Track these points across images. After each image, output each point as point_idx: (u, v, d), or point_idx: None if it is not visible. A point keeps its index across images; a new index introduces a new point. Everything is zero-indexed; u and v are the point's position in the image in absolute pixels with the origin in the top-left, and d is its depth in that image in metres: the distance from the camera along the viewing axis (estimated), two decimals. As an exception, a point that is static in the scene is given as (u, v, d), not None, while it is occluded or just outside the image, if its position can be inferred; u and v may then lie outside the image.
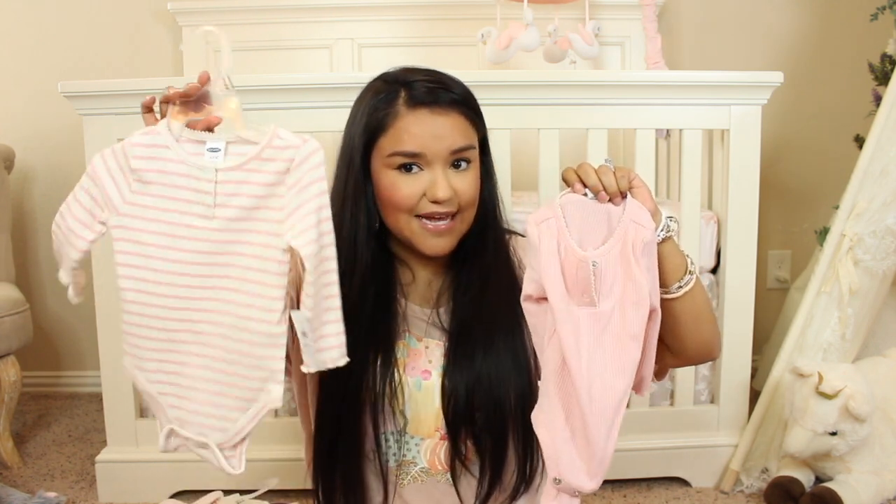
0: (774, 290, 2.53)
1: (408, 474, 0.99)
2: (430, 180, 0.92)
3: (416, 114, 0.92)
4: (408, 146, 0.91)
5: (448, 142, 0.92)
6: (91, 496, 1.75)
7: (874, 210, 1.70)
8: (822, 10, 2.47)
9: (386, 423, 0.98)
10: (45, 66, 2.46)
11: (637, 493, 1.75)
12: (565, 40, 2.15)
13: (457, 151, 0.93)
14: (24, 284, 2.41)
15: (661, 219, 0.86)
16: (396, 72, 0.98)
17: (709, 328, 0.93)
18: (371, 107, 0.95)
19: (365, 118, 0.95)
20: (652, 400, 1.78)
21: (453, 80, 0.97)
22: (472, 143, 0.95)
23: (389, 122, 0.93)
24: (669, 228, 0.86)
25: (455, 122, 0.93)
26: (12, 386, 1.90)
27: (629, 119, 1.67)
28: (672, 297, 0.88)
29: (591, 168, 0.83)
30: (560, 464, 0.83)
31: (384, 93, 0.95)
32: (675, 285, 0.88)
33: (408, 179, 0.93)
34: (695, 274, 0.88)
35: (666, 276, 0.87)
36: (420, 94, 0.93)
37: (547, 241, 0.83)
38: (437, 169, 0.92)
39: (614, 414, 0.82)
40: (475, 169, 0.96)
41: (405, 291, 1.02)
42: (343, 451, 0.98)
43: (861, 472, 1.58)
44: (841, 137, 2.20)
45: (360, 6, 2.43)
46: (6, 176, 2.13)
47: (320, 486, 1.00)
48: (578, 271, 0.82)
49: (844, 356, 1.75)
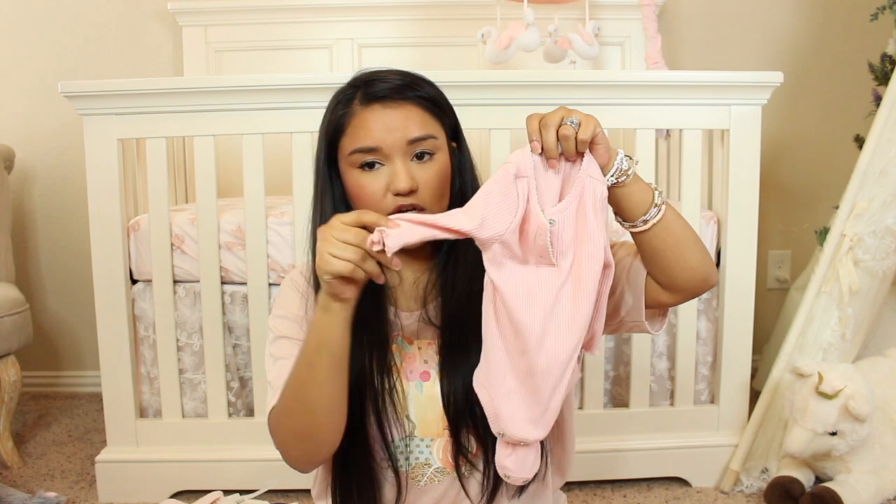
0: (774, 290, 2.54)
1: (424, 476, 0.99)
2: (391, 173, 0.92)
3: (370, 109, 0.93)
4: (364, 141, 0.93)
5: (402, 132, 0.92)
6: (91, 496, 1.75)
7: (874, 210, 1.70)
8: (822, 10, 2.47)
9: (393, 431, 0.98)
10: (45, 66, 2.46)
11: (637, 493, 1.75)
12: (565, 40, 2.15)
13: (414, 141, 0.93)
14: (24, 284, 2.42)
15: (615, 160, 0.85)
16: (361, 74, 0.99)
17: (695, 255, 0.90)
18: (331, 109, 0.97)
19: (326, 121, 0.98)
20: (652, 400, 1.79)
21: (414, 77, 0.97)
22: (432, 134, 0.94)
23: (347, 121, 0.95)
24: (624, 172, 0.85)
25: (410, 114, 0.94)
26: (12, 386, 1.90)
27: (629, 119, 1.67)
28: (640, 231, 0.88)
29: (553, 126, 0.81)
30: (501, 418, 0.84)
31: (342, 94, 0.97)
32: (641, 219, 0.87)
33: (370, 177, 0.94)
34: (662, 206, 0.87)
35: (629, 212, 0.87)
36: (374, 90, 0.94)
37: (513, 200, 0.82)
38: (397, 161, 0.93)
39: (563, 367, 0.82)
40: (440, 161, 0.96)
41: (393, 296, 1.01)
42: (355, 458, 0.98)
43: (861, 472, 1.58)
44: (841, 137, 2.20)
45: (360, 6, 2.44)
46: (6, 176, 2.13)
47: (338, 493, 1.00)
48: (537, 237, 0.82)
49: (844, 356, 1.75)
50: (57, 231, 2.53)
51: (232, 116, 1.63)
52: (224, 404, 1.73)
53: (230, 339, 1.76)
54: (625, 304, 0.95)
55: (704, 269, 0.90)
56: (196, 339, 1.74)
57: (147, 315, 1.73)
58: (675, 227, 0.88)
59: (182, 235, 1.71)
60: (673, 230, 0.88)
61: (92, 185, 1.65)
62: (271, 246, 1.71)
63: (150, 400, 1.77)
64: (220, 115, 1.63)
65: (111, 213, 1.65)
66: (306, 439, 0.89)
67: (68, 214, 2.50)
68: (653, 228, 0.87)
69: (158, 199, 1.67)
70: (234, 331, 1.76)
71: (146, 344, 1.75)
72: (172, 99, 1.62)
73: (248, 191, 1.67)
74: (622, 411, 1.77)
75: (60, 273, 2.55)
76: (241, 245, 1.71)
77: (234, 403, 1.78)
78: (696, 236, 0.91)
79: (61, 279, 2.55)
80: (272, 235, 1.70)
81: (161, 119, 1.63)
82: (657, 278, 0.92)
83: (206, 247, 1.68)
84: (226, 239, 1.71)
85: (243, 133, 1.65)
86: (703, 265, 0.90)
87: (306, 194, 1.66)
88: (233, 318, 1.75)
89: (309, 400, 0.86)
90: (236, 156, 1.68)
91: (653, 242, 0.88)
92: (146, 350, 1.75)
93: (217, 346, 1.71)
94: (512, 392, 0.84)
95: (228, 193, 2.10)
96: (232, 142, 1.75)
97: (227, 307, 1.74)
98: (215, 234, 1.69)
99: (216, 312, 1.70)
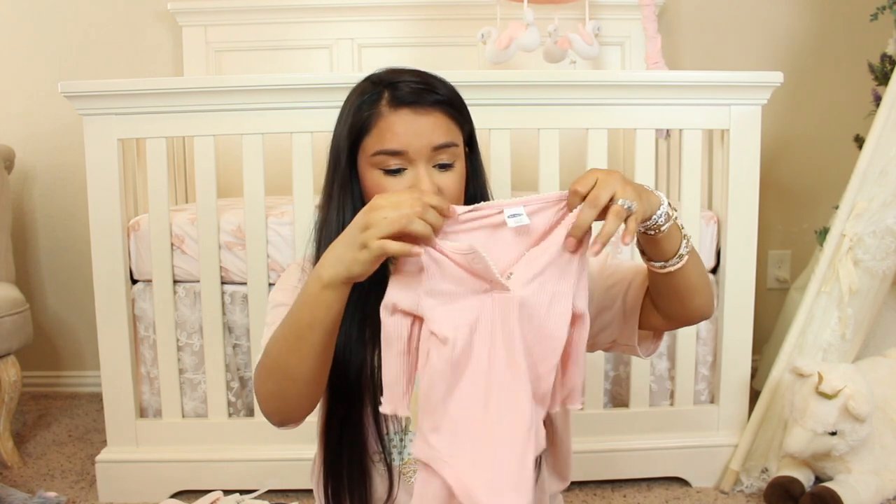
0: (774, 290, 2.53)
1: (415, 472, 1.00)
2: (414, 178, 0.93)
3: (399, 113, 0.94)
4: (390, 144, 0.93)
5: (429, 139, 0.93)
6: (91, 496, 1.75)
7: (874, 210, 1.70)
8: (822, 10, 2.47)
9: (389, 424, 0.99)
10: (45, 66, 2.46)
11: (637, 493, 1.75)
12: (565, 40, 2.15)
13: (438, 148, 0.93)
14: (24, 284, 2.42)
15: (656, 214, 0.84)
16: (382, 73, 0.99)
17: (702, 297, 0.93)
18: (356, 107, 0.97)
19: (350, 119, 0.97)
20: (652, 400, 1.79)
21: (437, 80, 0.98)
22: (455, 141, 0.96)
23: (373, 122, 0.95)
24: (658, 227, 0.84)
25: (437, 121, 0.94)
26: (12, 386, 1.90)
27: (629, 119, 1.67)
28: (656, 271, 0.89)
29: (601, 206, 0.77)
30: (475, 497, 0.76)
31: (369, 94, 0.96)
32: (660, 263, 0.88)
33: (392, 181, 0.94)
34: (686, 255, 0.88)
35: (652, 254, 0.88)
36: (403, 94, 0.94)
37: None
38: (420, 167, 0.93)
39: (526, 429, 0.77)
40: (459, 169, 0.97)
41: None
42: (348, 449, 0.98)
43: (861, 472, 1.58)
44: (841, 137, 2.20)
45: (360, 6, 2.44)
46: (6, 176, 2.13)
47: (329, 485, 1.00)
48: (473, 263, 0.78)
49: (844, 356, 1.75)
50: (57, 231, 2.53)
51: (232, 116, 1.63)
52: (224, 404, 1.73)
53: (230, 339, 1.76)
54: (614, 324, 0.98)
55: (705, 309, 0.94)
56: (196, 339, 1.74)
57: (147, 315, 1.73)
58: (691, 275, 0.90)
59: (182, 235, 1.71)
60: (688, 276, 0.89)
61: (92, 185, 1.65)
62: (271, 246, 1.71)
63: (150, 400, 1.77)
64: (220, 115, 1.63)
65: (111, 213, 1.65)
66: (283, 399, 0.89)
67: (68, 214, 2.50)
68: (669, 272, 0.88)
69: (158, 199, 1.67)
70: (234, 331, 1.76)
71: (146, 344, 1.75)
72: (172, 99, 1.62)
73: (248, 191, 1.67)
74: (622, 411, 1.77)
75: (60, 273, 2.55)
76: (241, 245, 1.71)
77: (234, 403, 1.78)
78: (707, 280, 0.93)
79: (61, 279, 2.55)
80: (272, 235, 1.71)
81: (161, 119, 1.63)
82: (656, 306, 0.93)
83: (206, 247, 1.68)
84: (226, 239, 1.71)
85: (243, 133, 1.65)
86: (706, 305, 0.94)
87: (306, 194, 1.66)
88: (233, 318, 1.75)
89: (291, 368, 0.86)
90: (236, 156, 1.68)
91: (667, 281, 0.90)
92: (146, 350, 1.75)
93: (217, 346, 1.71)
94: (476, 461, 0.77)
95: (228, 193, 2.10)
96: (232, 142, 1.75)
97: (227, 307, 1.74)
98: (215, 234, 1.69)
99: (216, 312, 1.70)
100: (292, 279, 1.03)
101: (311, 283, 0.82)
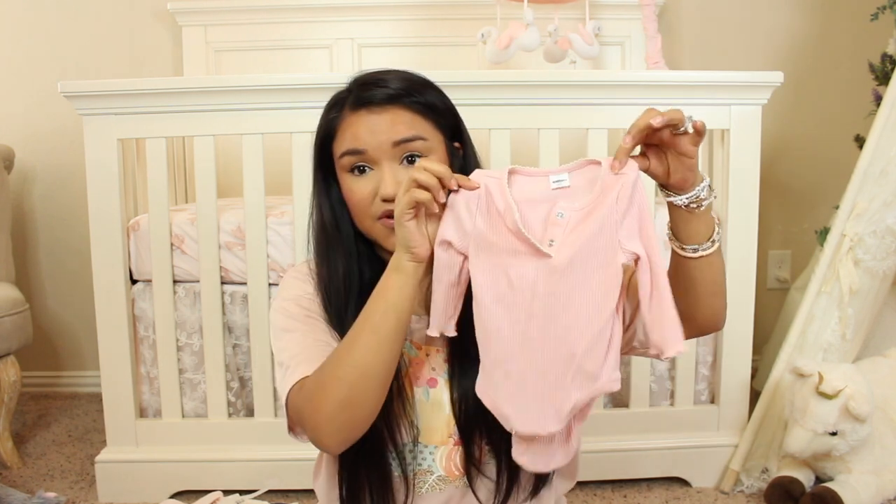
0: (774, 290, 2.53)
1: (425, 483, 0.99)
2: (378, 178, 0.93)
3: (358, 114, 0.95)
4: (350, 144, 0.94)
5: (388, 135, 0.93)
6: (91, 496, 1.75)
7: (874, 210, 1.70)
8: (822, 10, 2.47)
9: (403, 433, 0.97)
10: (45, 66, 2.46)
11: (637, 493, 1.75)
12: (565, 40, 2.15)
13: (400, 143, 0.93)
14: (24, 284, 2.42)
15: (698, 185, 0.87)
16: (358, 76, 0.99)
17: (721, 299, 0.96)
18: (325, 112, 0.99)
19: (321, 123, 1.00)
20: (652, 400, 1.78)
21: (397, 76, 0.97)
22: (420, 135, 0.94)
23: (337, 125, 0.97)
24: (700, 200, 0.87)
25: (395, 117, 0.94)
26: (12, 386, 1.90)
27: (629, 119, 1.64)
28: (686, 256, 0.90)
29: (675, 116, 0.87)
30: (509, 418, 0.83)
31: (336, 99, 0.99)
32: (692, 246, 0.89)
33: (359, 181, 0.95)
34: (716, 243, 0.90)
35: (684, 236, 0.89)
36: (363, 94, 0.95)
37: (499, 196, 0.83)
38: (384, 165, 0.93)
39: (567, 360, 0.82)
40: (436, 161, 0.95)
41: None
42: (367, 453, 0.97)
43: (861, 472, 1.58)
44: (841, 137, 2.20)
45: (360, 6, 2.44)
46: (6, 176, 2.13)
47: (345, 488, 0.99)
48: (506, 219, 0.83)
49: (845, 356, 1.75)
50: (57, 231, 2.53)
51: (232, 116, 1.63)
52: (224, 404, 1.73)
53: (230, 339, 1.76)
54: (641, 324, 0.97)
55: (720, 315, 0.98)
56: (196, 339, 1.74)
57: (147, 315, 1.73)
58: (716, 266, 0.92)
59: (182, 235, 1.71)
60: (714, 268, 0.91)
61: (92, 185, 1.65)
62: (271, 246, 1.70)
63: (150, 400, 1.77)
64: (219, 115, 1.63)
65: (111, 213, 1.65)
66: (355, 407, 0.86)
67: (68, 214, 2.50)
68: (699, 259, 0.90)
69: (158, 199, 1.67)
70: (234, 331, 1.76)
71: (146, 344, 1.75)
72: (172, 99, 1.62)
73: (248, 191, 1.67)
74: (622, 411, 1.77)
75: (60, 273, 2.55)
76: (240, 245, 1.71)
77: (234, 403, 1.78)
78: (725, 286, 0.96)
79: (61, 279, 2.55)
80: (272, 235, 1.70)
81: (161, 119, 1.63)
82: (679, 305, 0.92)
83: (206, 247, 1.68)
84: (226, 239, 1.71)
85: (243, 133, 1.65)
86: (722, 310, 0.98)
87: (306, 194, 1.65)
88: (233, 318, 1.75)
89: (368, 366, 0.84)
90: (236, 156, 1.68)
91: (693, 271, 0.91)
92: (146, 350, 1.75)
93: (217, 346, 1.71)
94: (515, 391, 0.82)
95: (228, 193, 2.10)
96: (232, 142, 1.75)
97: (227, 307, 1.74)
98: (215, 234, 1.69)
99: (216, 312, 1.70)
100: (298, 289, 1.00)
101: (383, 276, 0.87)
